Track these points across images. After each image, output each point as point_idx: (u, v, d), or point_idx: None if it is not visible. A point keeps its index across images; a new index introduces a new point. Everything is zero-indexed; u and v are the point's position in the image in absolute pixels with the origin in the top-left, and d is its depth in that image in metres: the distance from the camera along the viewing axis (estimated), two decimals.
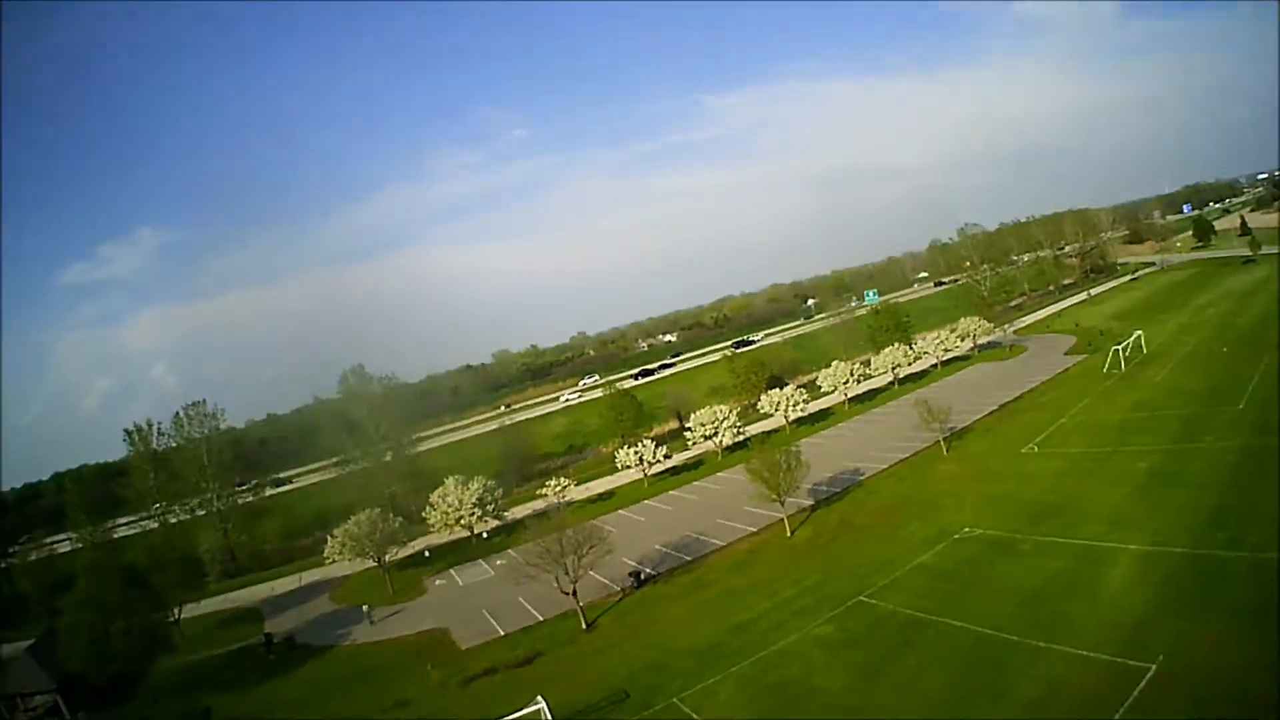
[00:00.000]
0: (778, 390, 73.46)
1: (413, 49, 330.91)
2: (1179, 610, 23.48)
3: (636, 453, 64.23)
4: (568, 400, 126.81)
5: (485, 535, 58.54)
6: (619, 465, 65.30)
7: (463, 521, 56.57)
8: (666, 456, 65.97)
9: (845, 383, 76.67)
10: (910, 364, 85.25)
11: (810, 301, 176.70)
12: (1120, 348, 65.99)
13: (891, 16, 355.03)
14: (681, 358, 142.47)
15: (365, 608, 45.04)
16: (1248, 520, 28.44)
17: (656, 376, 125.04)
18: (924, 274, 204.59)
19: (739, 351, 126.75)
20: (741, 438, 66.59)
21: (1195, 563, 26.42)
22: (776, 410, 71.20)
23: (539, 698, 24.45)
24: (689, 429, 69.23)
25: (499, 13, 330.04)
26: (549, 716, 24.24)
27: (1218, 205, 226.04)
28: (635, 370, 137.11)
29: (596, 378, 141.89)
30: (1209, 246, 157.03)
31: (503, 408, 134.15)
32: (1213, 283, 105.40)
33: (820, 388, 78.62)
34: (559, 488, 60.10)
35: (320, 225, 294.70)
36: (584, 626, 35.98)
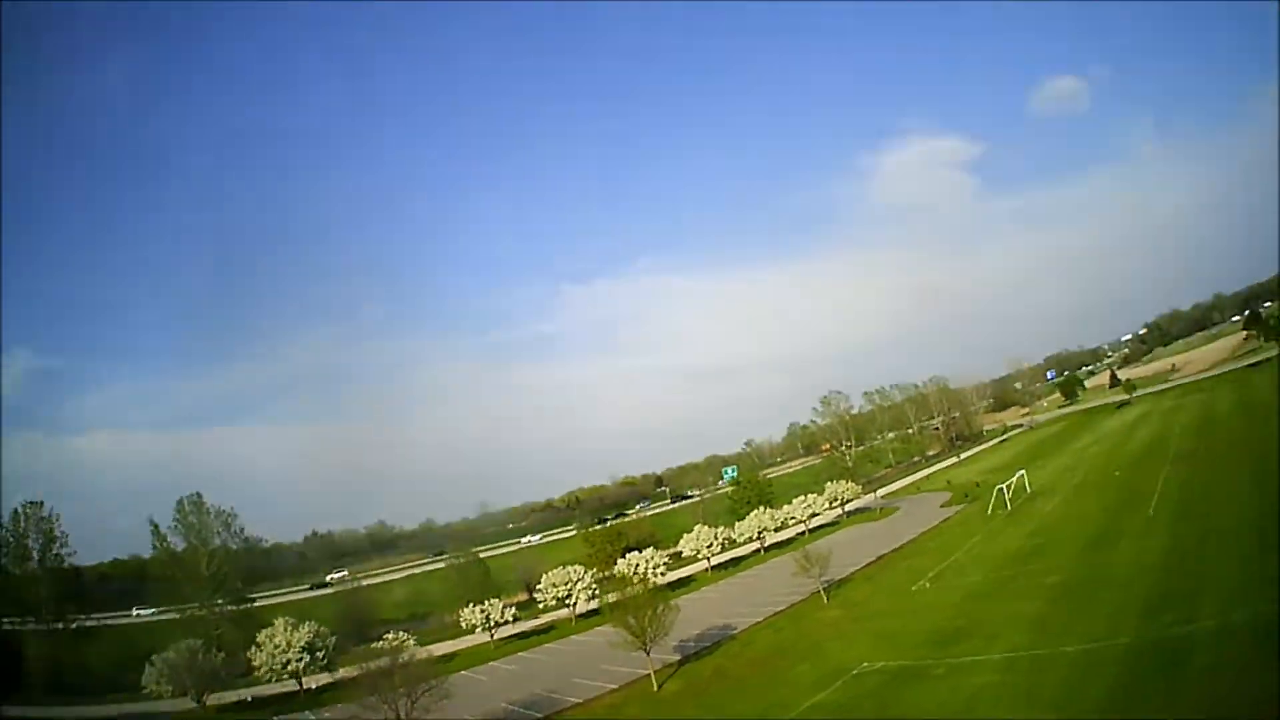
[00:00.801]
0: (636, 554, 69.47)
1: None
2: (1150, 692, 20.65)
3: (483, 610, 60.76)
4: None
5: (314, 688, 52.51)
6: (463, 625, 61.65)
7: (289, 667, 50.93)
8: (515, 618, 62.94)
9: (709, 546, 72.64)
10: (775, 530, 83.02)
11: (663, 487, 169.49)
12: (1003, 487, 63.24)
13: (750, 215, 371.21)
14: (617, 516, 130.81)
15: None
16: (1197, 597, 26.23)
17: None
18: (779, 458, 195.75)
19: (672, 506, 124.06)
20: (596, 604, 62.66)
21: (1148, 648, 23.88)
22: (635, 573, 66.64)
23: None
24: (540, 589, 65.86)
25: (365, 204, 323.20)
26: None
27: (1085, 369, 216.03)
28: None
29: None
30: (1078, 400, 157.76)
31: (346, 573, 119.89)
32: (1089, 429, 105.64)
33: (681, 554, 75.13)
34: (397, 641, 53.24)
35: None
36: None
